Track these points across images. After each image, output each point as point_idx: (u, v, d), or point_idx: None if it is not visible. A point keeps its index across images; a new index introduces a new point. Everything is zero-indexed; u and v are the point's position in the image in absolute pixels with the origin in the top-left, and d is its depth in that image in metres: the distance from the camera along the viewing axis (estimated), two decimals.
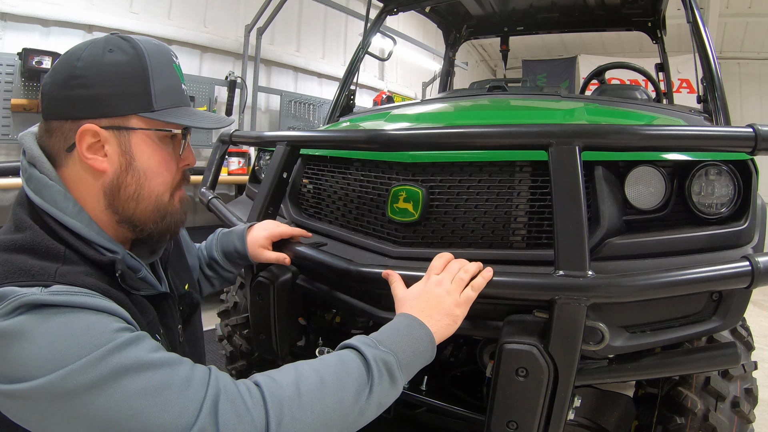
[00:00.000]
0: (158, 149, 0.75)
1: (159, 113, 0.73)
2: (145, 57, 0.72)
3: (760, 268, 0.84)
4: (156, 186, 0.75)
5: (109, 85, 0.70)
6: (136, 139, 0.73)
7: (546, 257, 1.02)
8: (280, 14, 4.35)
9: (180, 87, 0.78)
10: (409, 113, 1.65)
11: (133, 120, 0.72)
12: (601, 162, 1.05)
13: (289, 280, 1.22)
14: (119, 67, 0.70)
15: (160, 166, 0.75)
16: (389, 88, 6.21)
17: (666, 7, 2.33)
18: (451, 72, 3.19)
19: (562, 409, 0.89)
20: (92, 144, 0.70)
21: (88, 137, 0.69)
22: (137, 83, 0.71)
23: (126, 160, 0.72)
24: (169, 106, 0.75)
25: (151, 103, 0.72)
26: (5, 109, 2.95)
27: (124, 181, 0.72)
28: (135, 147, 0.72)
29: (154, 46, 0.75)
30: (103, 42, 0.72)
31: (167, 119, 0.74)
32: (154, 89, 0.72)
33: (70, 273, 0.63)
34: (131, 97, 0.71)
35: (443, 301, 0.84)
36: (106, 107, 0.70)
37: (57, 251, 0.65)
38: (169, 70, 0.76)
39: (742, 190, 1.02)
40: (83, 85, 0.69)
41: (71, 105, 0.69)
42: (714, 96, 1.48)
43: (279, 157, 1.30)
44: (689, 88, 6.93)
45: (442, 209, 1.15)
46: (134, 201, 0.73)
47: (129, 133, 0.72)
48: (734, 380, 1.22)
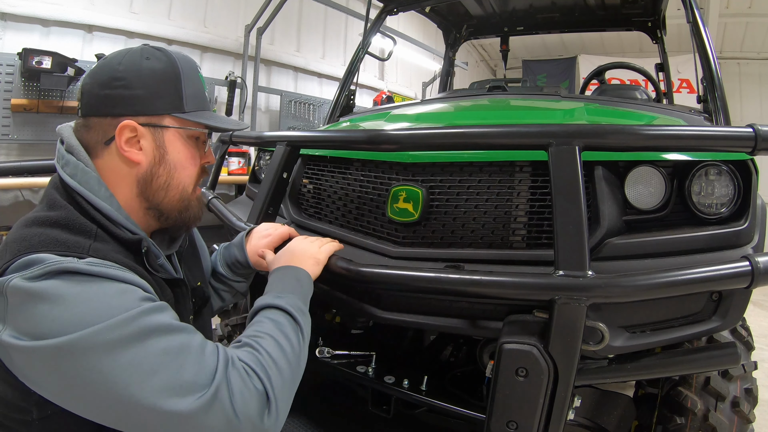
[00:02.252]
0: (186, 145, 0.84)
1: (189, 114, 0.83)
2: (177, 64, 0.82)
3: (760, 268, 0.84)
4: (183, 178, 0.85)
5: (147, 87, 0.79)
6: (169, 136, 0.82)
7: (546, 257, 1.02)
8: (280, 14, 4.36)
9: (204, 93, 0.89)
10: (409, 113, 1.65)
11: (166, 119, 0.81)
12: (601, 162, 1.05)
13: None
14: (156, 72, 0.79)
15: (187, 160, 0.85)
16: (389, 88, 6.22)
17: (666, 7, 2.33)
18: (451, 72, 3.19)
19: (562, 409, 0.89)
20: (130, 138, 0.78)
21: (127, 132, 0.77)
22: (171, 87, 0.81)
23: (160, 153, 0.81)
24: (196, 108, 0.84)
25: (182, 105, 0.82)
26: (5, 109, 2.95)
27: (156, 172, 0.81)
28: (168, 142, 0.82)
29: (183, 56, 0.85)
30: (139, 50, 0.81)
31: (196, 119, 0.83)
32: (185, 93, 0.82)
33: (102, 249, 0.69)
34: (166, 98, 0.80)
35: (306, 249, 1.01)
36: (143, 106, 0.79)
37: (89, 229, 0.72)
38: (196, 78, 0.86)
39: (742, 190, 1.02)
40: (124, 86, 0.77)
41: (112, 103, 0.78)
42: (714, 96, 1.48)
43: (279, 157, 1.30)
44: (689, 88, 6.93)
45: (442, 209, 1.15)
46: (164, 190, 0.82)
47: (163, 130, 0.81)
48: (734, 380, 1.22)
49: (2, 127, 2.96)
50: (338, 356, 1.29)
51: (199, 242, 1.12)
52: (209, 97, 4.03)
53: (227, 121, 0.92)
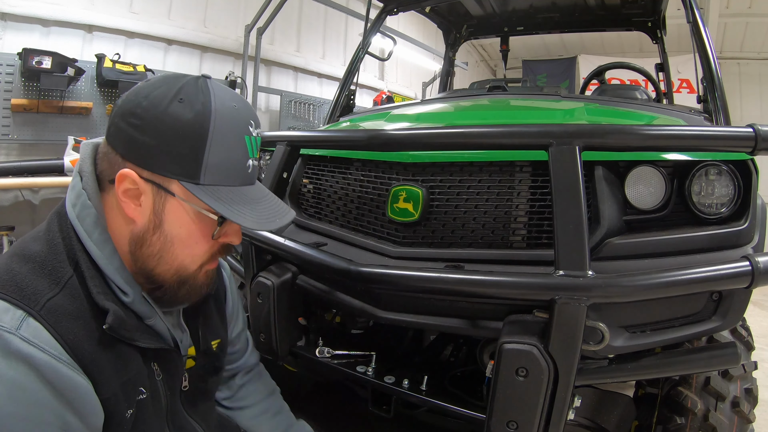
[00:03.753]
0: (191, 223, 0.69)
1: (203, 189, 0.66)
2: (209, 121, 0.65)
3: (760, 268, 0.84)
4: (181, 256, 0.70)
5: (161, 138, 0.64)
6: (172, 205, 0.67)
7: (546, 257, 1.02)
8: (280, 14, 4.35)
9: (243, 164, 0.70)
10: (409, 113, 1.65)
11: (174, 185, 0.66)
12: (601, 162, 1.05)
13: (289, 280, 1.22)
14: (178, 123, 0.64)
15: (189, 239, 0.70)
16: (389, 88, 6.22)
17: (666, 7, 2.33)
18: (451, 72, 3.19)
19: (562, 409, 0.89)
20: (129, 189, 0.66)
21: (127, 182, 0.66)
22: (189, 148, 0.65)
23: (156, 221, 0.68)
24: (219, 182, 0.67)
25: (197, 173, 0.65)
26: (5, 109, 2.95)
27: (149, 239, 0.68)
28: (168, 212, 0.68)
29: (230, 110, 0.67)
30: (179, 87, 0.66)
31: (208, 201, 0.66)
32: (206, 160, 0.65)
33: (58, 311, 0.60)
34: (179, 160, 0.65)
35: None
36: (151, 160, 0.65)
37: (60, 275, 0.63)
38: (236, 143, 0.68)
39: (742, 190, 1.02)
40: (138, 128, 0.65)
41: (122, 141, 0.66)
42: (714, 96, 1.48)
43: (279, 157, 1.30)
44: (689, 88, 6.92)
45: (442, 209, 1.15)
46: (155, 260, 0.69)
47: (166, 195, 0.67)
48: (734, 380, 1.22)
49: (2, 127, 2.95)
50: (338, 356, 1.29)
51: (232, 300, 0.99)
52: None
53: (258, 208, 0.70)
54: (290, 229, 1.46)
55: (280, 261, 1.29)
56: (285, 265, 1.27)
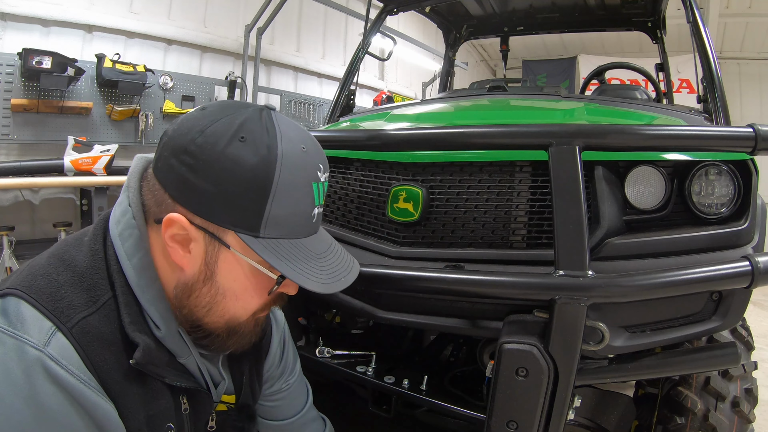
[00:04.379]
0: (247, 278, 0.63)
1: (262, 242, 0.59)
2: (275, 168, 0.57)
3: (760, 268, 0.84)
4: (233, 309, 0.65)
5: (218, 184, 0.57)
6: (226, 257, 0.61)
7: (546, 257, 1.02)
8: (280, 14, 4.35)
9: (308, 215, 0.63)
10: (409, 113, 1.65)
11: (230, 236, 0.60)
12: (601, 162, 1.05)
13: None
14: (238, 167, 0.56)
15: (244, 293, 0.64)
16: (389, 88, 6.22)
17: (666, 7, 2.33)
18: (451, 72, 3.19)
19: (562, 409, 0.89)
20: (178, 235, 0.60)
21: (176, 227, 0.59)
22: (251, 197, 0.57)
23: (207, 272, 0.61)
24: (281, 236, 0.60)
25: (258, 226, 0.58)
26: (5, 109, 2.95)
27: (199, 289, 0.62)
28: (221, 264, 0.61)
29: (299, 154, 0.60)
30: (240, 122, 0.58)
31: (268, 257, 0.59)
32: (269, 211, 0.58)
33: (91, 332, 0.56)
34: (237, 210, 0.58)
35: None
36: (205, 206, 0.58)
37: (99, 294, 0.59)
38: (303, 192, 0.61)
39: (742, 190, 1.02)
40: (191, 168, 0.57)
41: (174, 182, 0.59)
42: (714, 96, 1.48)
43: None
44: (689, 88, 6.92)
45: (442, 209, 1.15)
46: (204, 310, 0.63)
47: (220, 246, 0.60)
48: (734, 380, 1.22)
49: (2, 127, 2.96)
50: (338, 356, 1.29)
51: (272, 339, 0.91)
52: (209, 98, 4.04)
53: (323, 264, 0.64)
54: None
55: None
56: None
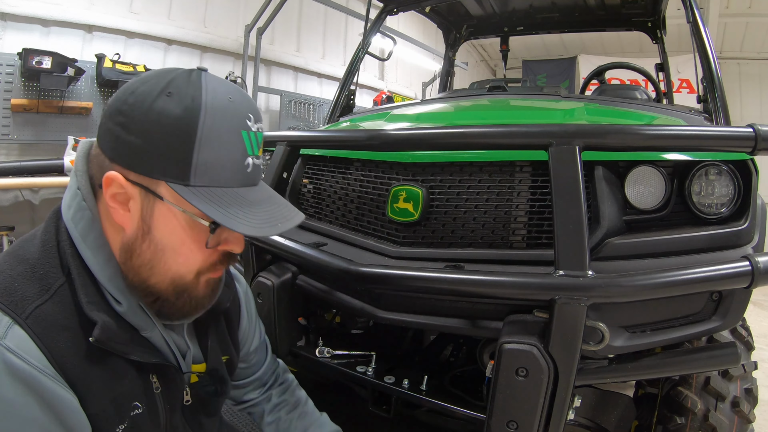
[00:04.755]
0: (181, 230, 0.62)
1: (193, 191, 0.59)
2: (199, 115, 0.58)
3: (760, 268, 0.84)
4: (174, 266, 0.64)
5: (147, 137, 0.58)
6: (161, 210, 0.61)
7: (546, 257, 1.02)
8: (280, 14, 4.35)
9: (241, 163, 0.63)
10: (409, 113, 1.65)
11: (162, 187, 0.60)
12: (601, 162, 1.05)
13: (289, 280, 1.22)
14: (165, 120, 0.58)
15: (182, 247, 0.63)
16: (389, 88, 6.22)
17: (666, 7, 2.33)
18: (451, 72, 3.19)
19: (562, 409, 0.89)
20: (117, 194, 0.61)
21: (114, 186, 0.60)
22: (177, 146, 0.58)
23: (144, 227, 0.62)
24: (212, 184, 0.61)
25: (187, 174, 0.59)
26: (5, 109, 2.95)
27: (138, 248, 0.62)
28: (156, 217, 0.61)
29: (224, 103, 0.61)
30: (168, 80, 0.60)
31: (199, 204, 0.59)
32: (197, 158, 0.59)
33: (46, 320, 0.57)
34: (166, 160, 0.58)
35: None
36: (137, 161, 0.59)
37: (51, 282, 0.60)
38: (231, 139, 0.61)
39: (742, 190, 1.02)
40: (123, 126, 0.59)
41: (109, 142, 0.61)
42: (714, 96, 1.48)
43: (279, 157, 1.30)
44: (689, 88, 6.92)
45: (442, 209, 1.15)
46: (147, 270, 0.63)
47: (154, 199, 0.61)
48: (734, 380, 1.22)
49: (2, 127, 2.96)
50: (338, 356, 1.29)
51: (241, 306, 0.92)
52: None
53: (258, 212, 0.63)
54: (290, 229, 1.46)
55: (280, 261, 1.29)
56: (285, 265, 1.27)
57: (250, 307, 0.97)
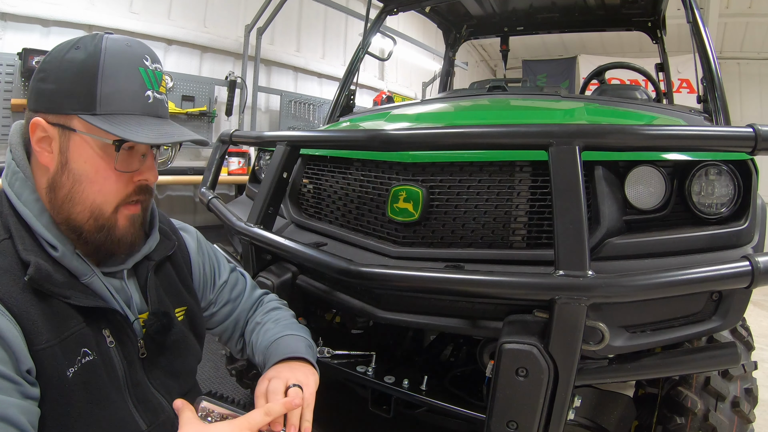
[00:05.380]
0: (94, 156, 0.71)
1: (99, 117, 0.69)
2: (99, 56, 0.69)
3: (760, 267, 0.84)
4: (91, 193, 0.71)
5: (60, 81, 0.69)
6: (75, 142, 0.70)
7: (546, 257, 1.02)
8: (280, 14, 4.35)
9: (141, 94, 0.72)
10: (409, 113, 1.65)
11: (74, 120, 0.70)
12: (601, 162, 1.05)
13: (289, 280, 1.22)
14: (72, 65, 0.69)
15: (97, 174, 0.71)
16: (389, 88, 6.21)
17: (666, 7, 2.33)
18: (451, 72, 3.19)
19: (562, 409, 0.89)
20: (42, 138, 0.71)
21: (39, 131, 0.70)
22: (84, 83, 0.69)
23: (62, 160, 0.70)
24: (115, 111, 0.70)
25: (93, 105, 0.69)
26: (5, 109, 2.95)
27: (59, 181, 0.71)
28: (72, 149, 0.70)
29: (122, 46, 0.72)
30: (77, 39, 0.72)
31: (102, 125, 0.68)
32: (100, 91, 0.69)
33: None
34: (75, 96, 0.69)
35: None
36: (52, 103, 0.70)
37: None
38: (130, 74, 0.71)
39: (742, 190, 1.02)
40: (41, 79, 0.71)
41: (32, 97, 0.72)
42: (714, 96, 1.48)
43: (279, 157, 1.30)
44: (689, 88, 6.92)
45: (442, 209, 1.15)
46: (68, 203, 0.71)
47: (69, 133, 0.70)
48: (734, 380, 1.22)
49: (2, 127, 2.95)
50: (338, 356, 1.29)
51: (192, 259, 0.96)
52: (209, 97, 4.04)
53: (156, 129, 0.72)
54: (290, 229, 1.46)
55: (279, 261, 1.29)
56: (285, 264, 1.27)
57: (204, 253, 1.00)
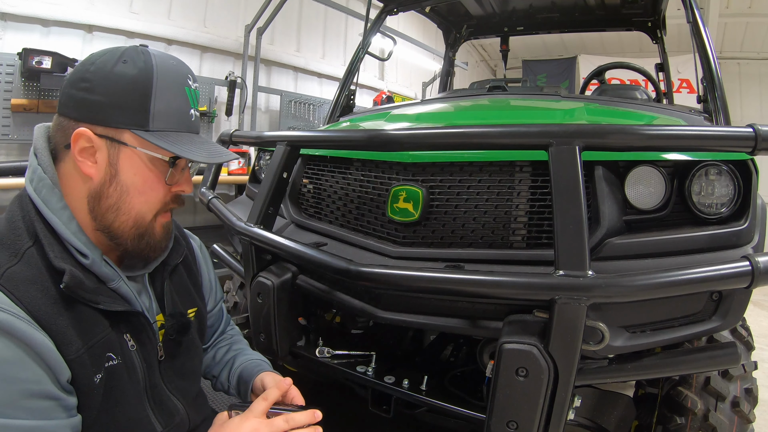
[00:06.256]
0: (145, 169, 0.74)
1: (152, 134, 0.72)
2: (152, 74, 0.72)
3: (760, 267, 0.84)
4: (137, 204, 0.75)
5: (110, 94, 0.70)
6: (125, 154, 0.72)
7: (546, 257, 1.02)
8: (280, 14, 4.35)
9: (186, 112, 0.77)
10: (409, 113, 1.65)
11: (125, 135, 0.72)
12: (601, 162, 1.05)
13: (289, 280, 1.22)
14: (124, 79, 0.71)
15: (144, 185, 0.74)
16: (389, 88, 6.21)
17: (666, 7, 2.33)
18: (451, 72, 3.19)
19: (562, 409, 0.89)
20: (85, 148, 0.71)
21: (82, 141, 0.71)
22: (136, 99, 0.71)
23: (112, 171, 0.72)
24: (166, 128, 0.74)
25: (146, 121, 0.72)
26: (5, 109, 2.94)
27: (106, 191, 0.72)
28: (122, 161, 0.72)
29: (170, 65, 0.75)
30: (121, 51, 0.73)
31: (158, 142, 0.72)
32: (153, 108, 0.72)
33: (17, 278, 0.63)
34: (128, 111, 0.71)
35: None
36: (102, 116, 0.71)
37: (19, 247, 0.66)
38: (177, 92, 0.75)
39: (742, 189, 1.02)
40: (87, 90, 0.71)
41: (74, 105, 0.72)
42: (714, 96, 1.48)
43: (279, 157, 1.30)
44: (689, 88, 6.92)
45: (442, 209, 1.15)
46: (113, 213, 0.73)
47: (119, 146, 0.72)
48: (734, 380, 1.23)
49: (2, 127, 2.95)
50: (338, 356, 1.29)
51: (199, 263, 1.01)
52: (209, 97, 4.04)
53: (203, 149, 0.77)
54: (290, 229, 1.46)
55: (280, 261, 1.29)
56: (285, 265, 1.27)
57: (207, 262, 1.06)
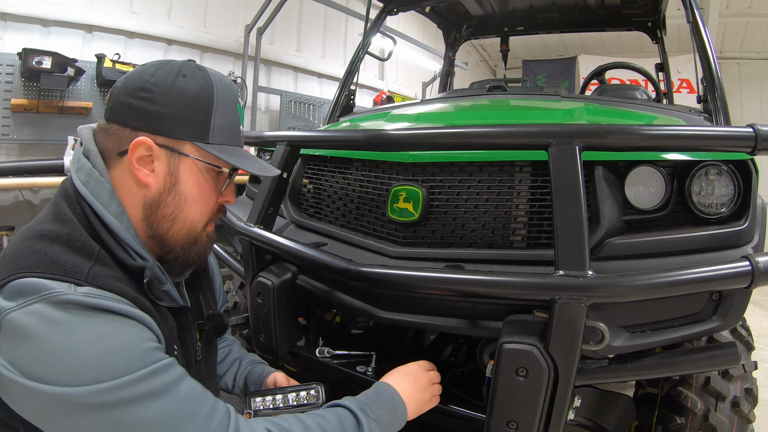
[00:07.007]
0: (202, 179, 0.78)
1: (213, 147, 0.76)
2: (213, 90, 0.76)
3: (760, 267, 0.84)
4: (193, 213, 0.78)
5: (173, 106, 0.73)
6: (185, 165, 0.76)
7: (546, 257, 1.02)
8: (280, 14, 4.35)
9: (238, 128, 0.82)
10: (409, 113, 1.65)
11: (186, 146, 0.75)
12: (601, 162, 1.05)
13: (289, 280, 1.22)
14: (187, 93, 0.74)
15: (200, 195, 0.78)
16: (389, 88, 6.21)
17: (666, 7, 2.33)
18: (451, 72, 3.19)
19: (562, 409, 0.89)
20: (143, 156, 0.73)
21: (141, 149, 0.72)
22: (199, 113, 0.75)
23: (171, 181, 0.75)
24: (223, 142, 0.78)
25: (207, 134, 0.76)
26: (5, 109, 2.95)
27: (164, 200, 0.75)
28: (182, 171, 0.75)
29: (225, 83, 0.79)
30: (178, 65, 0.76)
31: (219, 155, 0.76)
32: (214, 122, 0.76)
33: (102, 275, 0.65)
34: (191, 124, 0.74)
35: (424, 392, 0.94)
36: (164, 126, 0.73)
37: (91, 249, 0.67)
38: (232, 109, 0.79)
39: (742, 189, 1.02)
40: (149, 100, 0.72)
41: (134, 115, 0.73)
42: (714, 96, 1.48)
43: (279, 157, 1.30)
44: (689, 88, 6.92)
45: (442, 209, 1.15)
46: (170, 221, 0.76)
47: (180, 156, 0.75)
48: (734, 380, 1.22)
49: (2, 127, 2.95)
50: (338, 356, 1.29)
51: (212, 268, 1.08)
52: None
53: (255, 162, 0.83)
54: (290, 229, 1.46)
55: (280, 261, 1.29)
56: (285, 265, 1.27)
57: (216, 264, 1.11)
